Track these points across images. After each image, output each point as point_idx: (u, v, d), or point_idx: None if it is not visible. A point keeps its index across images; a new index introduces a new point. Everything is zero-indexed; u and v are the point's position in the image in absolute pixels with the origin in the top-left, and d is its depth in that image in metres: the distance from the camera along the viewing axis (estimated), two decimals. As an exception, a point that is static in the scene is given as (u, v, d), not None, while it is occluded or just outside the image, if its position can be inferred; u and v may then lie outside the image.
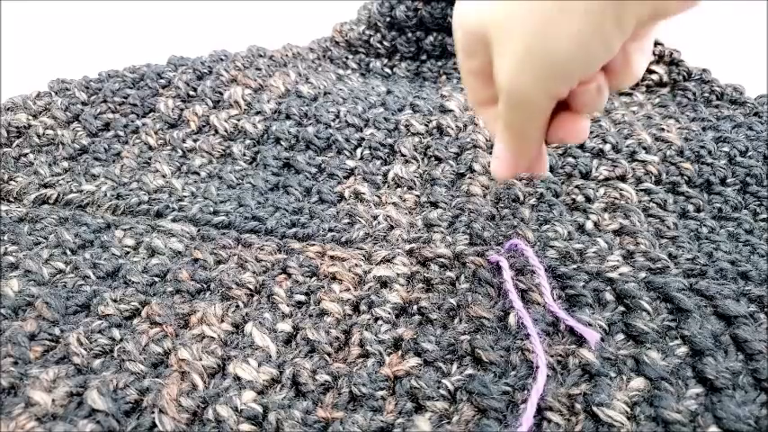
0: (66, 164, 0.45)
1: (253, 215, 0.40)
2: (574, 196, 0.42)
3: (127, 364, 0.28)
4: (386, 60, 0.62)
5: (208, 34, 0.70)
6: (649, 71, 0.57)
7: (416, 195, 0.43)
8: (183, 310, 0.32)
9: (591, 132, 0.47)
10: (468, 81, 0.29)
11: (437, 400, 0.27)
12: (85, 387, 0.27)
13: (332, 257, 0.36)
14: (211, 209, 0.41)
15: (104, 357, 0.29)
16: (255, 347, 0.30)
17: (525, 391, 0.27)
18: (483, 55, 0.26)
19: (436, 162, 0.46)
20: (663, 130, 0.47)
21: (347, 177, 0.45)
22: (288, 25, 0.71)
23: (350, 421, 0.26)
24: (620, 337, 0.30)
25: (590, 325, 0.30)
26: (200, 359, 0.29)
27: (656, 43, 0.57)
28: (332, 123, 0.49)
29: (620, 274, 0.34)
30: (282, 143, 0.48)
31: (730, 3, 0.73)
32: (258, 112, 0.50)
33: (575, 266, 0.35)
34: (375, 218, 0.40)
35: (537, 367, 0.27)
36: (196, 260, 0.35)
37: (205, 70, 0.54)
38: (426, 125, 0.49)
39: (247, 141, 0.48)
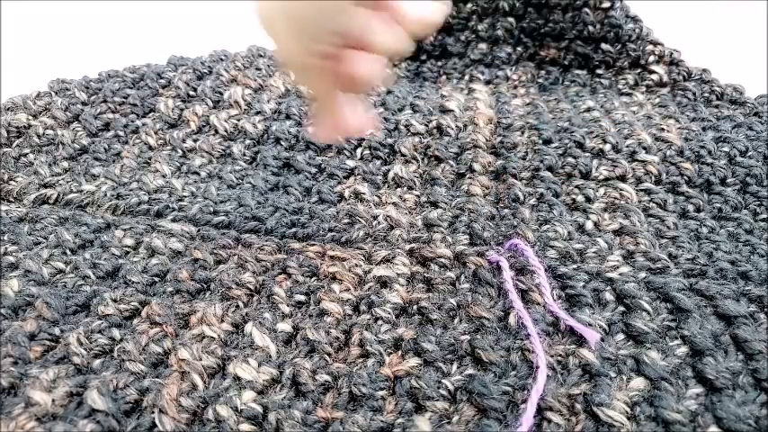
0: (66, 164, 0.45)
1: (253, 215, 0.40)
2: (574, 196, 0.42)
3: (127, 364, 0.28)
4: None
5: (208, 34, 0.70)
6: (649, 71, 0.57)
7: (416, 195, 0.43)
8: (183, 310, 0.32)
9: (591, 132, 0.47)
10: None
11: (437, 400, 0.27)
12: (85, 387, 0.27)
13: (332, 257, 0.36)
14: (211, 209, 0.41)
15: (104, 357, 0.29)
16: (255, 347, 0.30)
17: (525, 391, 0.27)
18: None
19: (436, 162, 0.46)
20: (663, 130, 0.47)
21: (347, 177, 0.45)
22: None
23: (350, 421, 0.26)
24: (620, 337, 0.30)
25: (590, 325, 0.30)
26: (201, 359, 0.29)
27: (656, 43, 0.57)
28: (332, 123, 0.49)
29: (620, 274, 0.34)
30: (282, 143, 0.48)
31: (730, 3, 0.73)
32: (258, 112, 0.50)
33: (575, 266, 0.35)
34: (375, 218, 0.40)
35: (537, 367, 0.27)
36: (196, 260, 0.35)
37: (205, 70, 0.54)
38: (426, 125, 0.49)
39: (247, 141, 0.48)
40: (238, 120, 0.49)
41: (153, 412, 0.26)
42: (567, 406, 0.27)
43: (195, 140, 0.48)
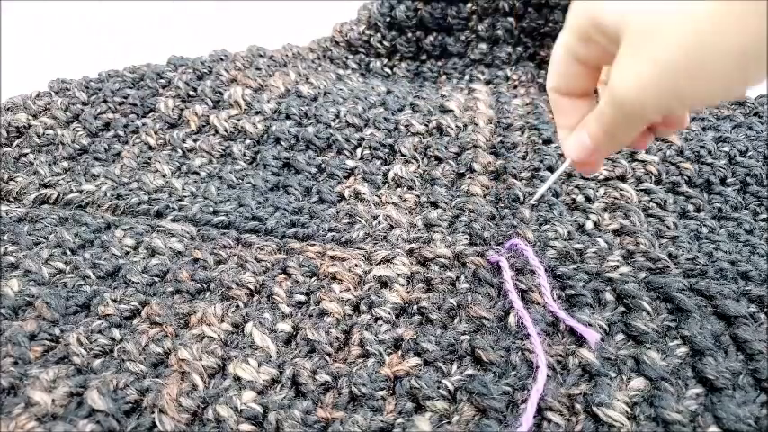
0: (66, 164, 0.45)
1: (253, 215, 0.40)
2: (574, 196, 0.42)
3: (127, 364, 0.28)
4: (386, 60, 0.62)
5: (208, 34, 0.70)
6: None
7: (416, 195, 0.43)
8: (183, 310, 0.32)
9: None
10: (563, 64, 0.26)
11: (437, 400, 0.27)
12: (85, 387, 0.27)
13: (332, 257, 0.36)
14: (211, 209, 0.41)
15: (104, 357, 0.29)
16: (255, 347, 0.30)
17: (525, 391, 0.27)
18: (600, 47, 0.23)
19: (436, 162, 0.46)
20: (663, 130, 0.47)
21: (347, 177, 0.45)
22: (288, 25, 0.71)
23: (350, 421, 0.26)
24: (620, 337, 0.30)
25: (590, 325, 0.30)
26: (200, 359, 0.29)
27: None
28: (332, 123, 0.49)
29: (620, 274, 0.34)
30: (282, 143, 0.48)
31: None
32: (258, 112, 0.50)
33: (575, 266, 0.35)
34: (375, 218, 0.40)
35: (537, 367, 0.27)
36: (196, 260, 0.35)
37: (205, 70, 0.54)
38: (426, 125, 0.49)
39: (247, 141, 0.48)
40: (238, 120, 0.49)
41: (153, 412, 0.26)
42: (567, 406, 0.27)
43: (195, 140, 0.48)
